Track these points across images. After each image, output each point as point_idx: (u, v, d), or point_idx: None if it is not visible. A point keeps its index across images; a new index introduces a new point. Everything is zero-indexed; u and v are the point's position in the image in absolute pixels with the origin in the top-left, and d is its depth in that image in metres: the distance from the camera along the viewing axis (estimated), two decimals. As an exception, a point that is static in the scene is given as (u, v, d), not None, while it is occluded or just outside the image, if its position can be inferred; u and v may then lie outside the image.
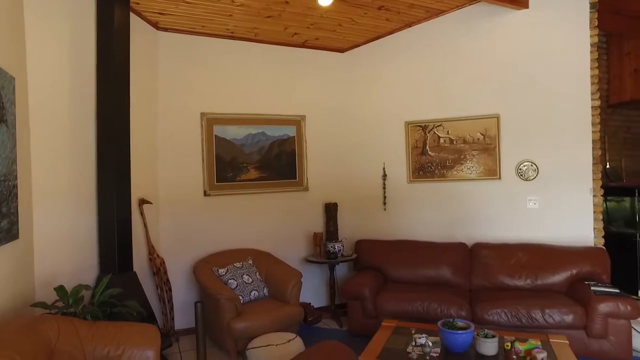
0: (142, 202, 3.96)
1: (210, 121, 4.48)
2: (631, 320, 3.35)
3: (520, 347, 2.68)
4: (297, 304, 4.01)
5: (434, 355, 2.74)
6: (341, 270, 4.96)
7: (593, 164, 4.19)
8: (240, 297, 3.90)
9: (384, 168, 4.88)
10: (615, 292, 3.39)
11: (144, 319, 3.11)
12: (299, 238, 4.84)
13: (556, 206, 4.28)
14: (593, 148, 4.19)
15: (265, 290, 4.16)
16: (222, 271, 4.04)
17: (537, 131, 4.34)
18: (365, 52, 4.99)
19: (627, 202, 5.33)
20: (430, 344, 2.83)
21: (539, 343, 2.70)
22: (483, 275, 4.17)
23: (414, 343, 2.87)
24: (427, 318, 3.72)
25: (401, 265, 4.42)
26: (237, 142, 4.59)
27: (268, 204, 4.72)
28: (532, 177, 4.34)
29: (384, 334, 3.17)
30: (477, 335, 2.77)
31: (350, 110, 5.04)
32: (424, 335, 2.92)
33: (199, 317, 3.65)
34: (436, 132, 4.67)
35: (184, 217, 4.36)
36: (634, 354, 3.46)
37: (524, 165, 4.36)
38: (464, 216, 4.58)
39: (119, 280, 3.18)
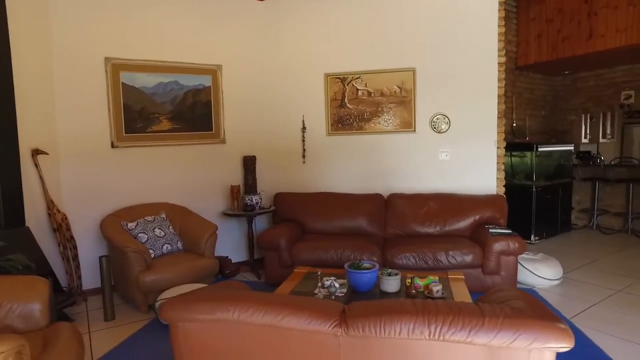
0: (36, 152, 3.59)
1: (116, 67, 4.11)
2: (518, 256, 3.69)
3: (420, 282, 2.84)
4: (212, 257, 3.93)
5: (340, 295, 2.82)
6: (261, 224, 4.93)
7: (498, 117, 4.45)
8: (152, 251, 3.74)
9: (303, 121, 4.83)
10: (507, 232, 3.70)
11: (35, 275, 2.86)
12: (216, 192, 4.71)
13: (465, 158, 4.53)
14: (498, 103, 4.43)
15: (179, 244, 4.02)
16: (131, 225, 3.83)
17: (449, 85, 4.49)
18: (284, 0, 4.80)
19: (528, 157, 5.78)
20: (338, 285, 2.91)
21: (437, 278, 2.87)
22: (397, 224, 4.35)
23: (321, 285, 2.93)
24: (341, 265, 3.81)
25: (319, 216, 4.48)
26: (147, 91, 4.27)
27: (183, 156, 4.50)
28: (445, 130, 4.53)
29: (294, 279, 3.20)
30: (382, 274, 2.89)
31: (270, 61, 4.87)
32: (332, 278, 2.99)
33: (104, 271, 3.47)
34: (355, 84, 4.67)
35: (89, 171, 4.03)
36: (519, 285, 3.84)
37: (437, 118, 4.53)
38: (381, 168, 4.70)
39: (3, 236, 2.88)
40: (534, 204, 5.56)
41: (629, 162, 6.36)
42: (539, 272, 3.87)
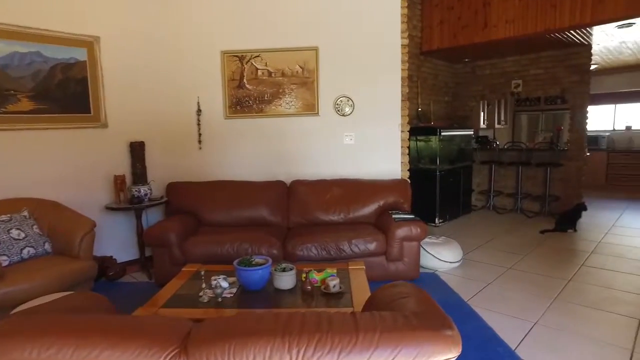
0: None
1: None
2: (421, 241, 3.66)
3: (317, 277, 2.62)
4: (89, 258, 3.38)
5: (228, 296, 2.51)
6: (155, 217, 4.41)
7: (402, 100, 4.38)
8: (5, 258, 3.10)
9: (198, 102, 4.37)
10: (410, 217, 3.64)
11: None
12: (98, 183, 4.09)
13: (370, 142, 4.41)
14: (402, 85, 4.36)
15: (47, 246, 3.40)
16: (-25, 228, 3.14)
17: (353, 66, 4.32)
18: (173, -36, 4.26)
19: (432, 141, 5.88)
20: (226, 285, 2.60)
21: (334, 271, 2.68)
22: (300, 213, 4.12)
23: (205, 286, 2.60)
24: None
25: (217, 207, 4.10)
26: (-2, 63, 3.52)
27: (53, 143, 3.82)
28: (349, 113, 4.36)
29: (180, 280, 2.82)
30: (275, 270, 2.62)
31: (159, 35, 4.31)
32: (221, 276, 2.67)
33: None
34: (254, 63, 4.31)
35: None
36: (422, 270, 3.83)
37: (341, 101, 4.34)
38: (284, 153, 4.42)
39: None
40: (438, 187, 5.67)
41: (518, 147, 6.78)
42: (441, 256, 3.88)
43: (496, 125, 8.44)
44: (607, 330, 2.74)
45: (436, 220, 5.74)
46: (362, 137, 4.40)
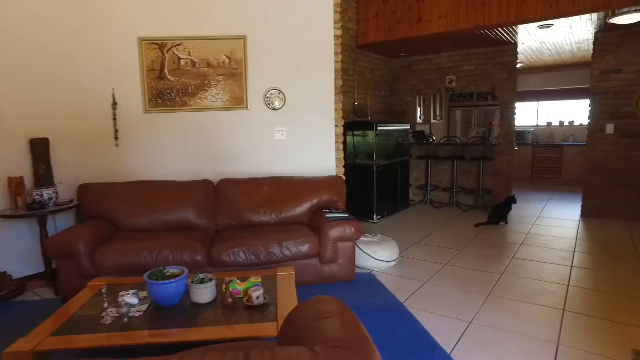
0: None
1: None
2: (356, 241, 3.51)
3: (240, 287, 2.37)
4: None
5: (137, 314, 2.19)
6: (66, 224, 3.90)
7: (335, 94, 4.21)
8: None
9: (113, 95, 3.93)
10: (344, 217, 3.47)
11: None
12: (-10, 187, 3.54)
13: (303, 137, 4.20)
14: (335, 78, 4.18)
15: None
16: None
17: (284, 57, 4.08)
18: (79, -62, 3.77)
19: (369, 136, 5.79)
20: (136, 301, 2.27)
21: (259, 280, 2.44)
22: (229, 214, 3.82)
23: (108, 304, 2.25)
24: (159, 268, 3.16)
25: (137, 211, 3.70)
26: None
27: None
28: (279, 107, 4.12)
29: (82, 298, 2.45)
30: (192, 281, 2.33)
31: (65, 17, 3.80)
32: (131, 292, 2.34)
33: None
34: (176, 52, 3.94)
35: None
36: (358, 270, 3.70)
37: (272, 94, 4.09)
38: (211, 150, 4.10)
39: None
40: (376, 183, 5.59)
41: (453, 142, 6.90)
42: (377, 255, 3.76)
43: (432, 121, 8.58)
44: (535, 324, 2.73)
45: (374, 216, 5.66)
46: (294, 132, 4.18)
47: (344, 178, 4.20)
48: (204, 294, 2.29)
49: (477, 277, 3.58)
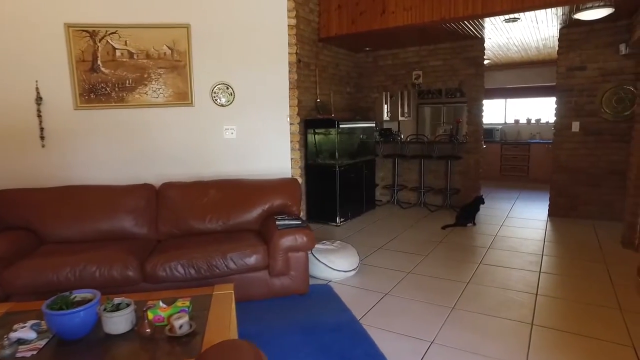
0: None
1: None
2: (312, 249, 3.20)
3: (163, 313, 2.01)
4: None
5: (28, 355, 1.80)
6: (-16, 235, 3.44)
7: (290, 89, 3.88)
8: None
9: (37, 88, 3.47)
10: (296, 224, 3.15)
11: None
12: None
13: (255, 136, 3.86)
14: (289, 71, 3.85)
15: None
16: None
17: (232, 48, 3.72)
18: None
19: (332, 134, 5.49)
20: (33, 335, 1.88)
21: (187, 303, 2.09)
22: (172, 222, 3.44)
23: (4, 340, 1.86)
24: (84, 287, 2.75)
25: (64, 219, 3.27)
26: None
27: None
28: (228, 103, 3.76)
29: (-29, 330, 2.04)
30: (105, 308, 1.96)
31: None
32: (29, 323, 1.95)
33: None
34: (110, 41, 3.52)
35: None
36: (314, 281, 3.40)
37: (219, 88, 3.73)
38: (153, 151, 3.70)
39: None
40: (338, 183, 5.30)
41: (420, 139, 6.68)
42: (334, 265, 3.46)
43: (400, 118, 8.38)
44: (502, 342, 2.49)
45: (337, 219, 5.37)
46: (245, 130, 3.83)
47: (300, 180, 3.88)
48: (118, 323, 1.92)
49: (441, 287, 3.33)
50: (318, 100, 5.79)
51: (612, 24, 5.21)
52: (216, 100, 3.72)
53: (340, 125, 5.34)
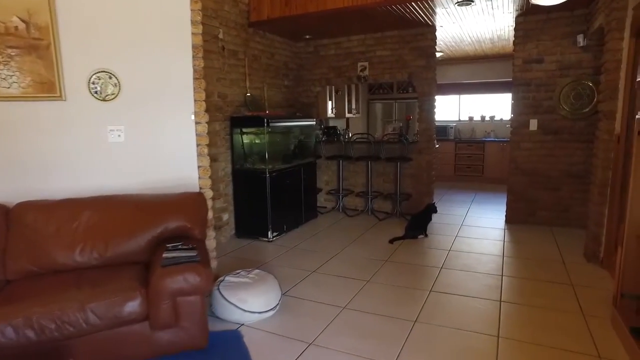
0: None
1: None
2: (206, 294, 2.42)
3: None
4: None
5: None
6: None
7: (195, 79, 3.08)
8: None
9: None
10: (188, 256, 2.35)
11: None
12: None
13: (148, 138, 3.03)
14: (193, 57, 3.05)
15: None
16: None
17: (116, 26, 2.87)
18: None
19: (261, 135, 4.71)
20: None
21: None
22: (29, 255, 2.55)
23: None
24: None
25: None
26: None
27: None
28: (113, 96, 2.91)
29: None
30: None
31: None
32: None
33: None
34: None
35: None
36: (222, 325, 2.62)
37: (99, 77, 2.86)
38: (6, 160, 2.78)
39: None
40: (269, 192, 4.52)
41: (366, 139, 6.03)
42: (246, 305, 2.70)
43: (347, 115, 7.71)
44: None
45: (269, 234, 4.60)
46: (136, 132, 2.99)
47: (207, 194, 3.10)
48: None
49: (381, 330, 2.65)
50: (248, 94, 4.98)
51: (569, 13, 4.75)
52: (97, 92, 2.86)
53: (271, 124, 4.57)
